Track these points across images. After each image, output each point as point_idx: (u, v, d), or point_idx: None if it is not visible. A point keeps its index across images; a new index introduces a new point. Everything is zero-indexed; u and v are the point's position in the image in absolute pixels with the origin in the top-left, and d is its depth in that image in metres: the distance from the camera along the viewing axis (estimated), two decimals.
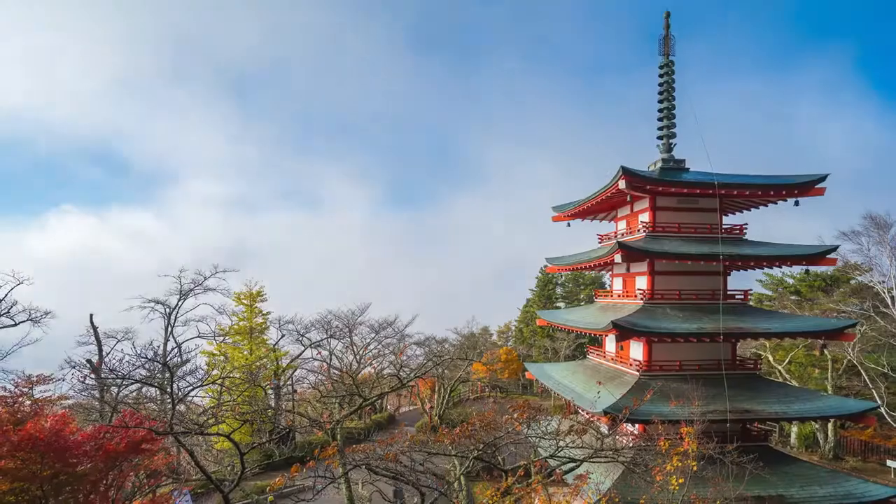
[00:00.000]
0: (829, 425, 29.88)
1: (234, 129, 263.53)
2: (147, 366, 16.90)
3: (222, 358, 30.90)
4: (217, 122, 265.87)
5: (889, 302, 28.97)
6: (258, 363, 31.35)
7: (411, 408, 48.33)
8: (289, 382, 34.56)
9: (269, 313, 33.54)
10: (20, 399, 13.90)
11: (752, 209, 23.37)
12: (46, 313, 24.02)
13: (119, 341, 25.53)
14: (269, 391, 31.77)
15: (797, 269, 34.64)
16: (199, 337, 30.52)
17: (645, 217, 22.31)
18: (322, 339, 32.87)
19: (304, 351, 31.29)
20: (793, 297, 35.92)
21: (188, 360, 22.60)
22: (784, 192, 20.72)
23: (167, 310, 28.75)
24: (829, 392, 29.08)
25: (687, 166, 22.94)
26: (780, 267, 22.80)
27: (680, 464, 12.20)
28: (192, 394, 19.19)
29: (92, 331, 25.04)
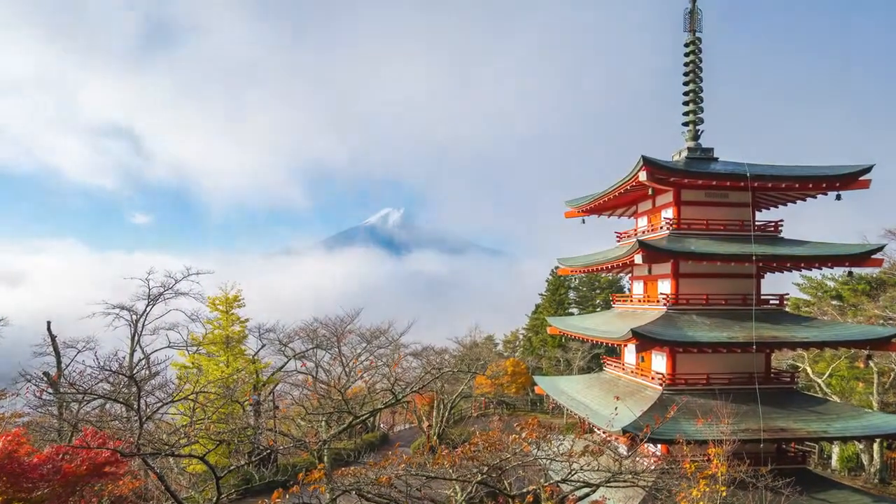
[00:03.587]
0: (875, 446, 29.83)
1: None
2: (111, 379, 16.89)
3: (195, 370, 30.83)
4: None
5: None
6: (236, 376, 31.31)
7: (407, 426, 48.35)
8: (270, 398, 34.53)
9: (247, 320, 33.50)
10: None
11: (789, 204, 23.37)
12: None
13: (80, 352, 25.51)
14: (248, 408, 31.73)
15: (839, 271, 34.57)
16: (169, 347, 30.46)
17: (668, 213, 22.32)
18: (307, 350, 32.93)
19: (287, 363, 31.33)
20: (834, 303, 35.91)
21: (157, 373, 22.62)
22: (824, 185, 20.72)
23: (133, 316, 28.69)
24: (875, 408, 29.06)
25: (715, 156, 22.94)
26: (820, 268, 22.78)
27: (707, 489, 12.21)
28: (162, 410, 19.13)
29: (49, 340, 25.05)
